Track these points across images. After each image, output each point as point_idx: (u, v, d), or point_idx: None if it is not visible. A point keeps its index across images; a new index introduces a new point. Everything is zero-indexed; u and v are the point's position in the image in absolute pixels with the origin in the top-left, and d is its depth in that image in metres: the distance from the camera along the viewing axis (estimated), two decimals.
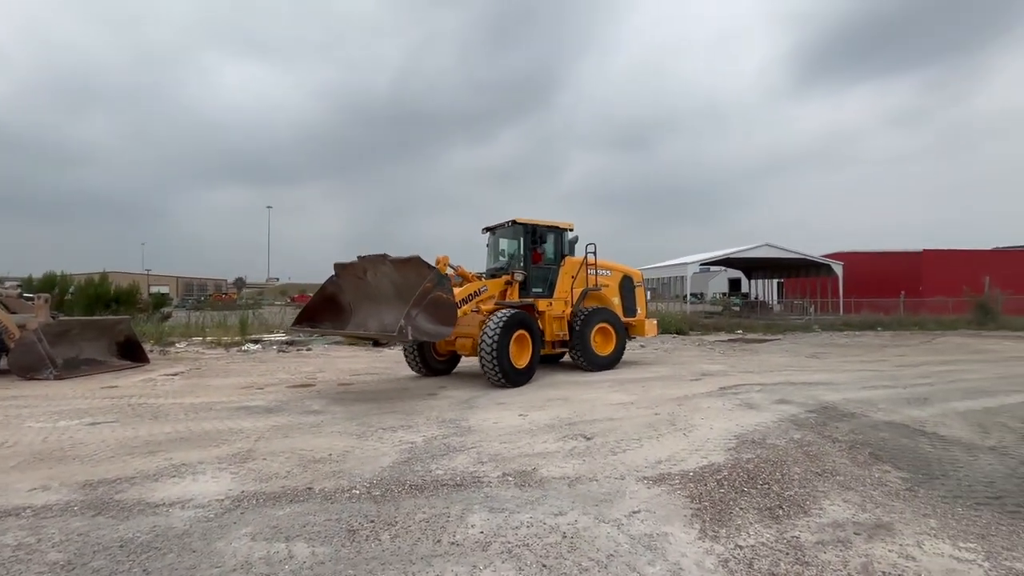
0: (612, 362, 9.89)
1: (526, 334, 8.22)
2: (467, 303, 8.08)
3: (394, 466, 3.95)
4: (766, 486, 3.52)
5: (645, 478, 3.68)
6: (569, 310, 9.55)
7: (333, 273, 7.58)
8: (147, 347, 11.48)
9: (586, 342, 9.41)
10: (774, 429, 5.03)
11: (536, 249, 9.44)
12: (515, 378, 7.85)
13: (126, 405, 6.29)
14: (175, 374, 9.01)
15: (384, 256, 6.91)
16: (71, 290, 17.40)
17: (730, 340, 16.63)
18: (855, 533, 2.82)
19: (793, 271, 31.71)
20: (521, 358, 8.06)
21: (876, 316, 23.28)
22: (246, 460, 4.10)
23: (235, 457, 4.18)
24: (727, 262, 33.48)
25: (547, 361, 10.26)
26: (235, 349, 13.14)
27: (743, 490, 3.45)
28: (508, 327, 7.75)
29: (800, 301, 29.99)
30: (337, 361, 11.10)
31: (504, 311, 8.15)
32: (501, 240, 9.95)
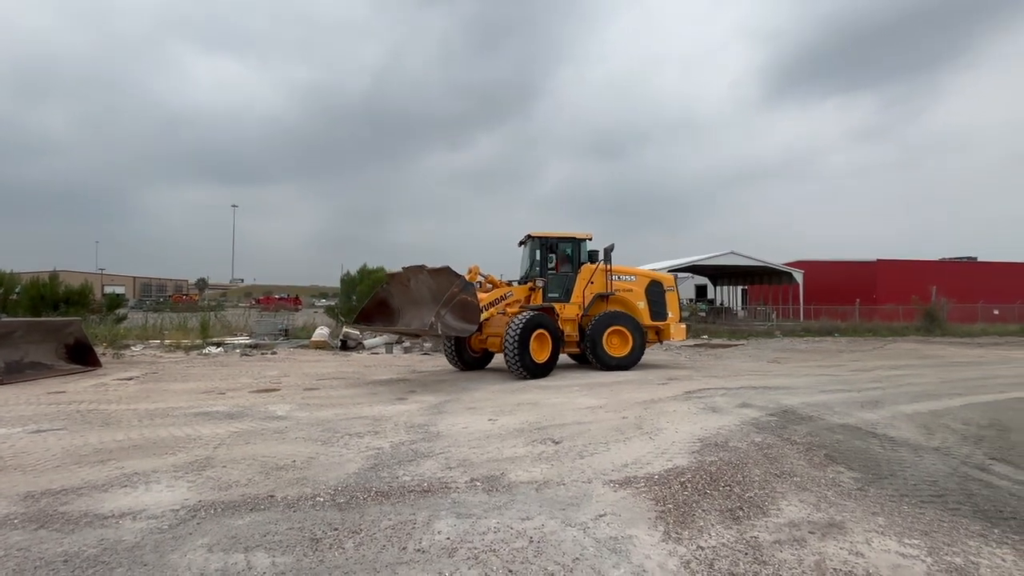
0: (627, 364, 10.21)
1: (545, 333, 9.36)
2: (494, 306, 9.51)
3: (360, 473, 3.88)
4: (728, 488, 3.62)
5: (611, 481, 3.73)
6: (580, 313, 10.30)
7: (385, 282, 9.35)
8: (99, 350, 10.95)
9: (597, 343, 9.99)
10: (736, 432, 5.17)
11: (552, 258, 10.49)
12: (535, 371, 9.07)
13: (75, 411, 5.98)
14: (129, 378, 8.62)
15: (422, 267, 8.43)
16: (17, 290, 16.43)
17: (696, 345, 17.04)
18: (810, 532, 2.93)
19: (757, 278, 32.81)
20: (541, 354, 9.25)
21: (834, 323, 24.29)
22: (204, 468, 3.96)
23: (192, 465, 4.02)
24: (694, 269, 34.35)
25: (582, 360, 10.84)
26: (195, 352, 12.67)
27: (706, 492, 3.54)
28: (527, 328, 8.96)
29: (763, 307, 31.01)
30: (303, 365, 10.84)
31: (524, 314, 9.31)
32: (525, 251, 11.12)
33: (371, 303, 9.24)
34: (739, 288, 38.26)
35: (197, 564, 2.51)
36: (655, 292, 10.91)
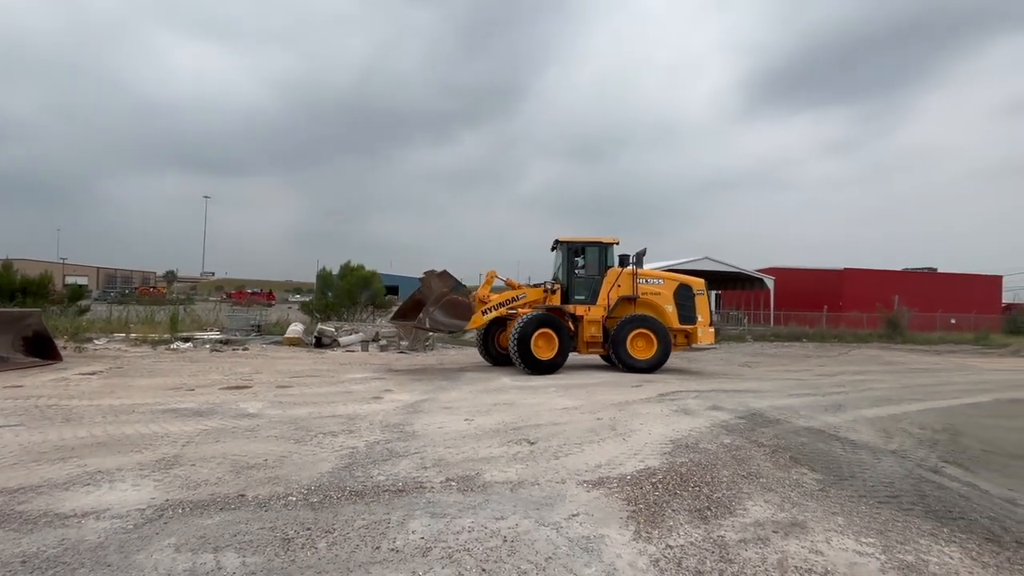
0: (652, 367, 10.32)
1: (551, 332, 9.90)
2: (504, 306, 10.46)
3: (334, 472, 3.85)
4: (697, 488, 3.71)
5: (585, 482, 3.79)
6: (605, 315, 10.58)
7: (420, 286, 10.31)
8: (60, 343, 10.53)
9: (620, 345, 10.22)
10: (707, 434, 5.31)
11: (579, 261, 10.94)
12: (538, 368, 9.67)
13: (33, 407, 5.75)
14: (92, 373, 8.33)
15: (433, 271, 9.77)
16: None
17: None
18: (773, 531, 3.04)
19: (730, 283, 33.57)
20: (546, 351, 9.83)
21: (802, 328, 25.05)
22: (172, 466, 3.86)
23: (159, 463, 3.93)
24: None
25: (610, 361, 10.95)
26: (163, 347, 12.30)
27: (676, 492, 3.63)
28: (528, 326, 9.69)
29: (735, 312, 31.76)
30: (276, 362, 10.65)
31: (528, 314, 10.03)
32: (555, 255, 11.59)
33: (408, 303, 10.75)
34: (713, 293, 39.09)
35: (164, 564, 2.46)
36: (684, 295, 10.99)
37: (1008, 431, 5.98)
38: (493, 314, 10.52)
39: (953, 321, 28.76)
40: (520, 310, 10.52)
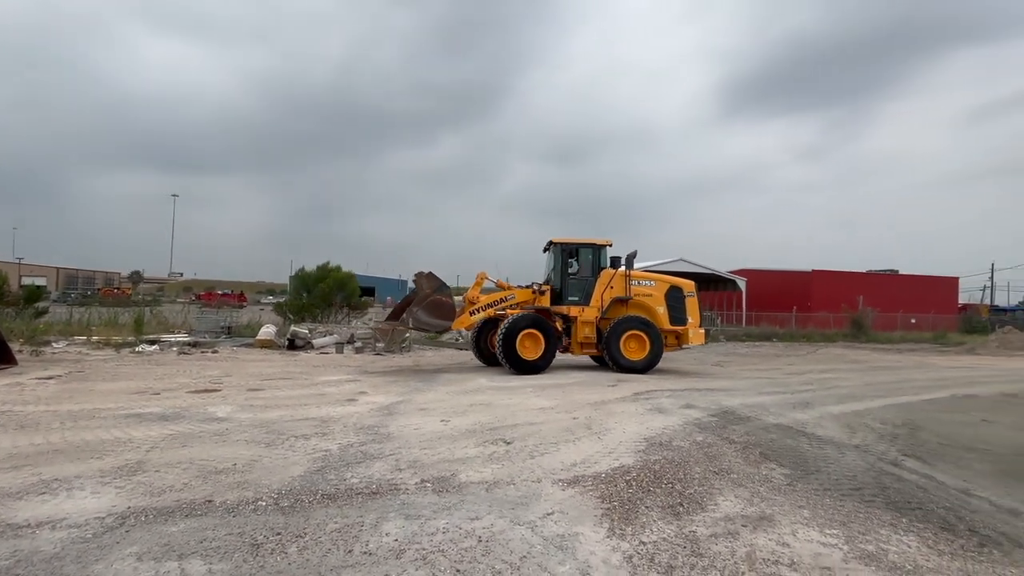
0: (644, 367, 10.40)
1: (537, 333, 10.01)
2: (492, 307, 10.57)
3: (306, 475, 3.78)
4: (670, 485, 3.78)
5: (560, 480, 3.81)
6: (599, 316, 10.67)
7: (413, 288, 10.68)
8: (15, 347, 10.06)
9: (613, 346, 10.32)
10: (680, 432, 5.40)
11: (572, 263, 11.03)
12: (523, 368, 9.80)
13: None
14: (50, 378, 7.98)
15: (422, 272, 10.05)
16: None
17: None
18: (743, 525, 3.11)
19: (704, 285, 34.20)
20: (532, 352, 9.94)
21: (773, 328, 25.74)
22: (135, 473, 3.73)
23: (121, 470, 3.79)
24: None
25: (603, 363, 11.06)
26: (127, 350, 11.87)
27: (649, 490, 3.68)
28: (512, 327, 9.83)
29: (708, 313, 32.42)
30: (247, 365, 10.39)
31: (514, 315, 10.14)
32: (548, 256, 11.59)
33: (402, 304, 11.16)
34: None
35: (125, 574, 2.37)
36: (675, 297, 11.14)
37: (963, 426, 6.26)
38: (481, 315, 10.63)
39: (913, 321, 29.98)
40: (509, 311, 10.60)
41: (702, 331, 11.53)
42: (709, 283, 32.98)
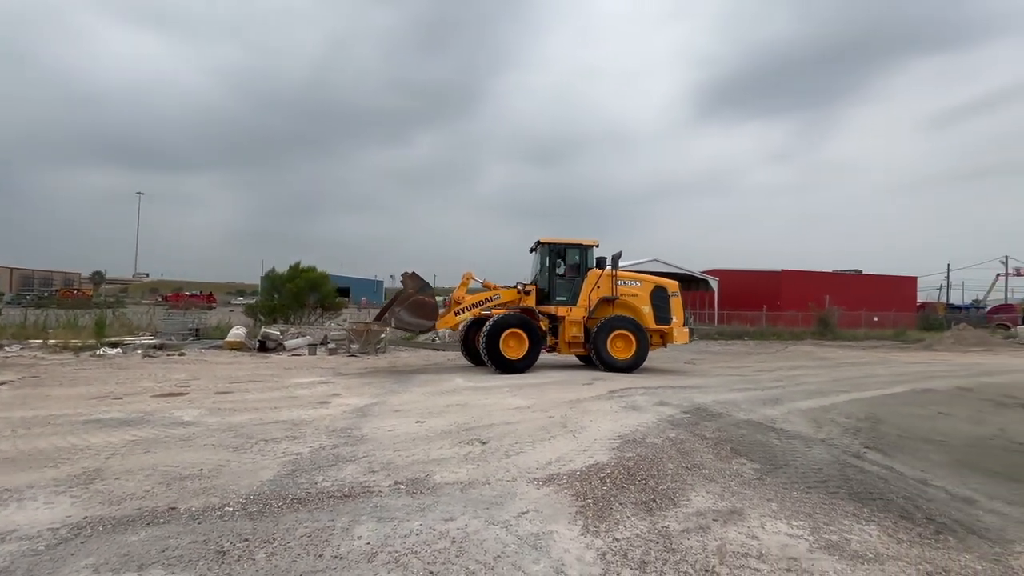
0: (631, 367, 10.50)
1: (521, 332, 10.06)
2: (477, 307, 10.65)
3: (275, 479, 3.68)
4: (643, 482, 3.82)
5: (535, 479, 3.82)
6: (586, 316, 10.75)
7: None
8: None
9: (600, 346, 10.41)
10: (653, 429, 5.48)
11: (560, 263, 11.11)
12: (506, 367, 9.84)
13: None
14: (2, 383, 7.59)
15: (406, 272, 10.14)
16: None
17: None
18: (714, 520, 3.16)
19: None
20: (516, 351, 10.00)
21: (744, 327, 26.37)
22: (93, 481, 3.57)
23: (78, 478, 3.62)
24: None
25: (589, 362, 11.21)
26: (87, 354, 11.38)
27: (623, 486, 3.71)
28: (495, 327, 9.88)
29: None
30: (216, 367, 10.09)
31: (497, 315, 10.15)
32: (535, 256, 11.61)
33: (388, 303, 11.19)
34: None
35: None
36: (660, 297, 11.28)
37: (921, 418, 6.52)
38: (466, 315, 10.70)
39: (876, 319, 31.14)
40: (494, 311, 10.62)
41: (686, 330, 11.73)
42: (682, 283, 33.54)
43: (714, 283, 31.36)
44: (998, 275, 51.01)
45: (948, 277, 47.97)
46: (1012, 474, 4.28)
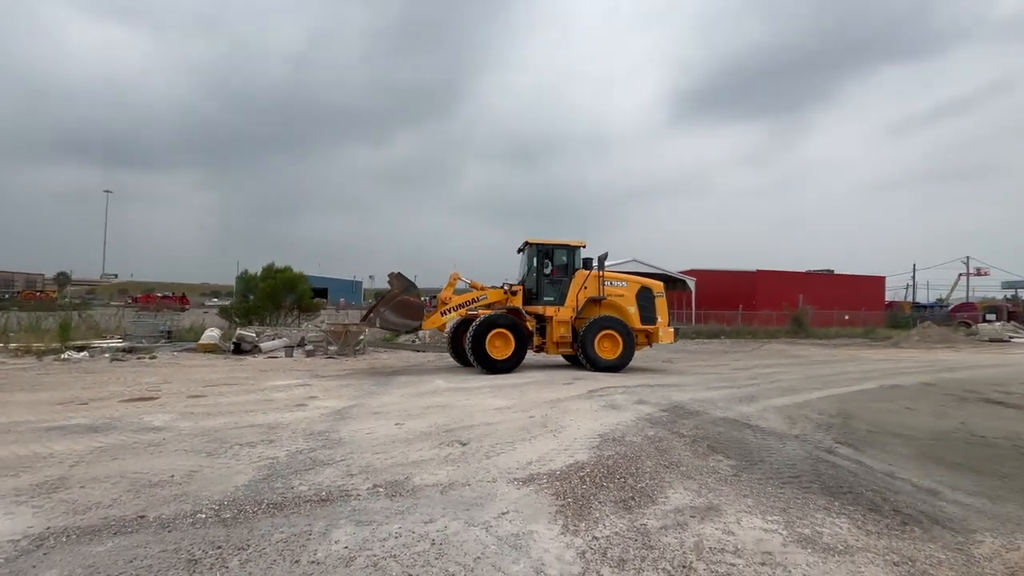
0: (618, 366, 10.58)
1: (507, 333, 10.09)
2: (464, 307, 10.66)
3: (250, 484, 3.60)
4: (622, 480, 3.85)
5: (516, 479, 3.82)
6: (574, 316, 10.82)
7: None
8: None
9: (588, 346, 10.48)
10: (632, 427, 5.53)
11: (548, 263, 11.14)
12: (492, 367, 9.87)
13: None
14: None
15: (392, 272, 10.19)
16: None
17: None
18: (691, 516, 3.21)
19: None
20: (502, 351, 10.03)
21: (720, 326, 26.86)
22: (56, 490, 3.44)
23: (40, 488, 3.48)
24: None
25: (575, 362, 11.31)
26: (51, 358, 10.96)
27: (603, 485, 3.74)
28: (481, 327, 9.90)
29: None
30: (189, 371, 9.82)
31: (483, 316, 10.18)
32: (523, 257, 11.66)
33: (374, 304, 11.11)
34: None
35: None
36: (645, 297, 11.40)
37: (889, 413, 6.74)
38: (453, 315, 10.76)
39: (847, 317, 32.07)
40: (481, 311, 10.63)
41: (671, 330, 11.88)
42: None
43: (691, 283, 31.84)
44: (960, 275, 53.13)
45: (914, 277, 49.70)
46: (973, 466, 4.45)
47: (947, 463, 4.52)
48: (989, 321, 30.72)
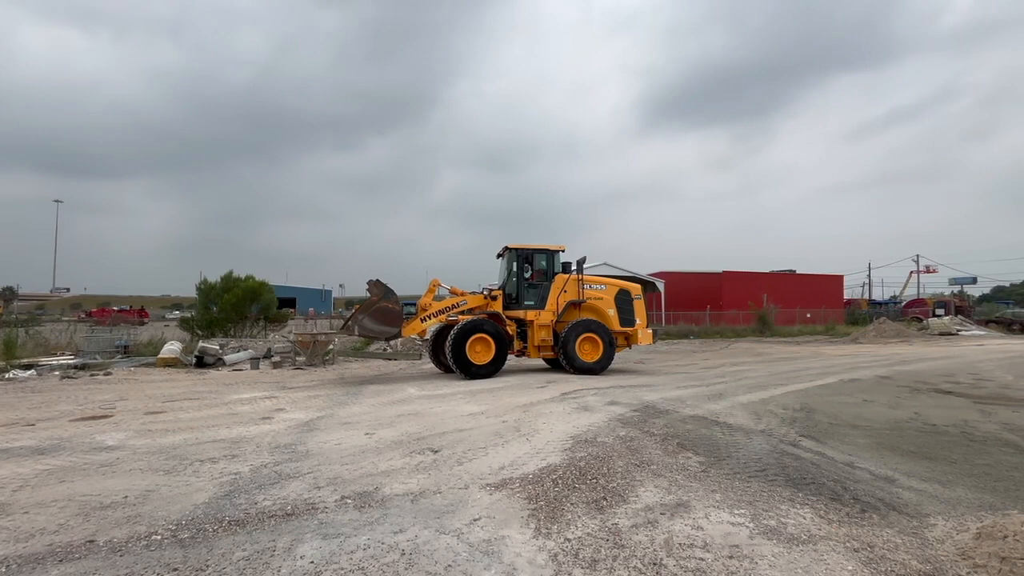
0: (599, 368, 10.63)
1: (487, 338, 10.10)
2: (444, 313, 10.62)
3: (211, 502, 3.45)
4: (594, 480, 3.87)
5: (488, 485, 3.78)
6: (554, 319, 10.85)
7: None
8: None
9: (568, 348, 10.48)
10: (604, 428, 5.57)
11: (528, 268, 11.18)
12: (473, 372, 9.89)
13: None
14: None
15: (371, 280, 10.05)
16: None
17: None
18: (661, 514, 3.24)
19: None
20: (482, 356, 10.05)
21: (689, 326, 27.45)
22: None
23: None
24: None
25: (556, 365, 11.36)
26: None
27: (575, 486, 3.75)
28: (461, 332, 9.91)
29: None
30: (146, 386, 9.39)
31: (463, 321, 10.18)
32: (503, 262, 11.63)
33: (353, 312, 10.85)
34: None
35: None
36: (624, 300, 11.48)
37: (848, 406, 7.00)
38: (432, 321, 10.67)
39: (808, 315, 33.25)
40: (461, 317, 10.59)
41: (650, 332, 12.04)
42: None
43: (661, 285, 32.45)
44: (911, 272, 55.90)
45: (869, 275, 52.10)
46: (926, 453, 4.66)
47: (902, 451, 4.72)
48: (939, 316, 32.37)
